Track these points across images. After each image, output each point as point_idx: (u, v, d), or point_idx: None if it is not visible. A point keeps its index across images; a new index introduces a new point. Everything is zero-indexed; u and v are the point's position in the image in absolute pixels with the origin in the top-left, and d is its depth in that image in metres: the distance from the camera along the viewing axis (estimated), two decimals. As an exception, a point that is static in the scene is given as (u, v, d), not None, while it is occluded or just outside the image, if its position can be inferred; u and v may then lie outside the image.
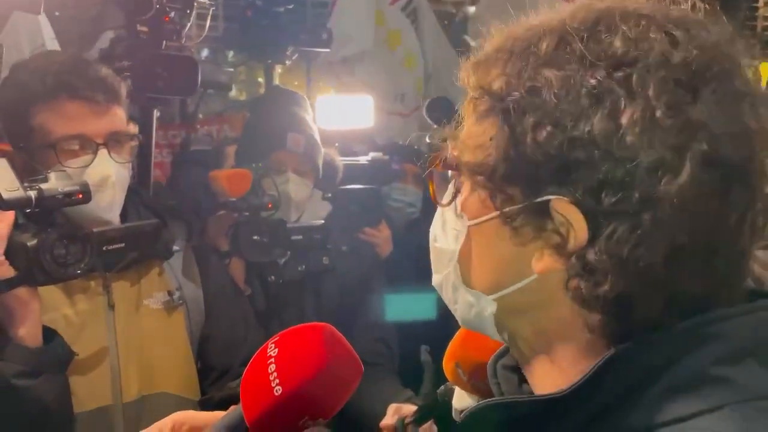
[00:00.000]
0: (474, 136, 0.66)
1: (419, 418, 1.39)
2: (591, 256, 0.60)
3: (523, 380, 0.74)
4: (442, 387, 1.28)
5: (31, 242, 1.30)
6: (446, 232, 0.72)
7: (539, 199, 0.62)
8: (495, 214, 0.65)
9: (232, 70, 2.50)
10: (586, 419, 0.61)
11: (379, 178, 2.62)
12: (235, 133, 3.89)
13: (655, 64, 0.59)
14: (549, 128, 0.60)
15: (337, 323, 0.82)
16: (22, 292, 1.33)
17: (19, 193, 1.26)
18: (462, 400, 1.17)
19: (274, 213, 2.14)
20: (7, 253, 1.31)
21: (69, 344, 1.41)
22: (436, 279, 0.75)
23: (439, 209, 0.74)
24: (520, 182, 0.63)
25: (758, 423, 0.58)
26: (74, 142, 1.48)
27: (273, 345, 0.75)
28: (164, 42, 1.88)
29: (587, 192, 0.60)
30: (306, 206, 2.29)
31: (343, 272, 2.25)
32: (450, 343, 1.10)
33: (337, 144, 2.84)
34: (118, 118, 1.53)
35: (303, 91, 3.13)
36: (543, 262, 0.63)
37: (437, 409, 1.29)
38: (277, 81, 3.55)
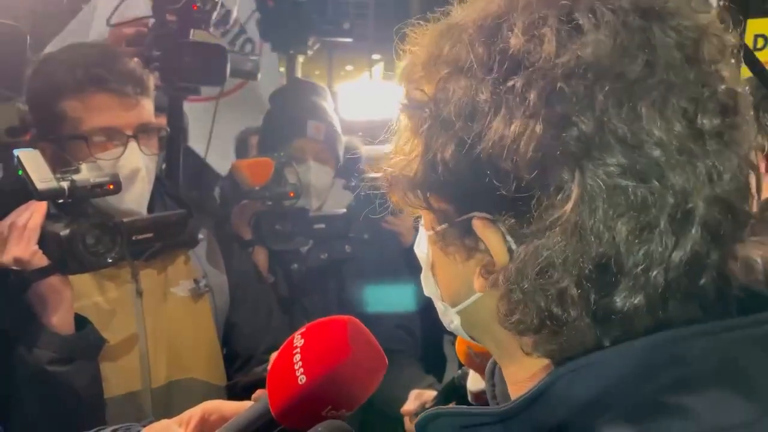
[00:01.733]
0: (401, 151, 0.62)
1: (440, 403, 1.41)
2: (502, 279, 0.57)
3: None
4: (459, 371, 1.29)
5: (64, 232, 1.33)
6: (421, 239, 0.70)
7: (462, 218, 0.59)
8: (431, 232, 0.63)
9: (256, 58, 2.51)
10: None
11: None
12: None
13: (542, 70, 0.53)
14: (452, 146, 0.57)
15: (359, 310, 0.83)
16: (55, 280, 1.37)
17: (53, 183, 1.29)
18: (476, 383, 1.18)
19: (296, 201, 2.17)
20: (41, 243, 1.35)
21: (99, 331, 1.45)
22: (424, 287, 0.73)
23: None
24: (445, 200, 0.60)
25: None
26: (104, 134, 1.50)
27: (299, 336, 0.77)
28: (192, 31, 1.88)
29: (499, 210, 0.56)
30: (328, 194, 2.31)
31: (365, 260, 2.27)
32: None
33: (360, 132, 2.85)
34: (147, 110, 1.55)
35: (324, 81, 3.15)
36: (479, 282, 0.60)
37: (455, 393, 1.31)
38: (299, 71, 3.56)
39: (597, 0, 0.55)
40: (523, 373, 0.62)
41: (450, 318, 0.68)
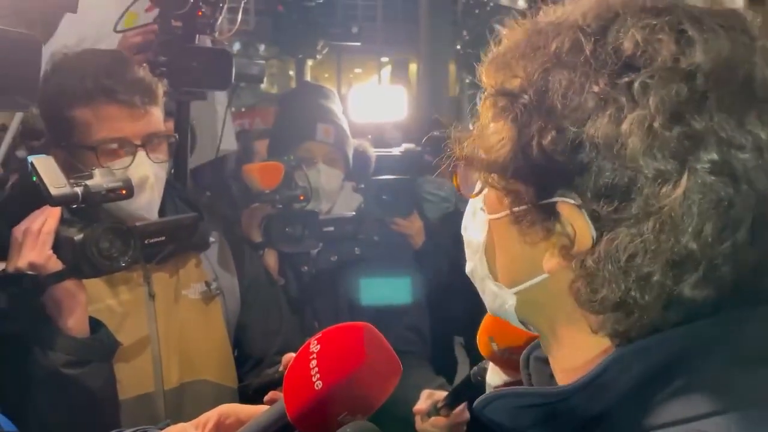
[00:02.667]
0: (488, 134, 0.66)
1: (451, 402, 1.41)
2: (590, 261, 0.60)
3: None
4: (475, 368, 1.29)
5: (78, 237, 1.35)
6: (475, 223, 0.74)
7: (546, 201, 0.62)
8: (506, 213, 0.66)
9: (263, 62, 2.52)
10: (589, 416, 0.62)
11: (411, 169, 2.64)
12: (266, 126, 3.95)
13: (660, 71, 0.58)
14: (554, 133, 0.60)
15: (369, 313, 0.84)
16: (69, 284, 1.39)
17: (67, 189, 1.31)
18: (495, 377, 1.18)
19: (306, 205, 2.18)
20: (55, 248, 1.37)
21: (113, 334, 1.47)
22: (468, 267, 0.76)
23: (471, 201, 0.76)
24: (530, 183, 0.63)
25: (763, 428, 0.57)
26: (112, 144, 1.51)
27: (315, 342, 0.78)
28: (197, 36, 1.89)
29: (591, 197, 0.60)
30: (338, 197, 2.33)
31: (374, 262, 2.28)
32: (484, 317, 1.11)
33: (370, 135, 2.87)
34: (156, 118, 1.56)
35: (333, 84, 3.17)
36: (551, 263, 0.64)
37: (469, 391, 1.31)
38: (308, 74, 3.59)
39: (702, 14, 0.61)
40: (578, 358, 0.65)
41: (504, 299, 0.71)
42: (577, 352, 0.66)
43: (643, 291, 0.59)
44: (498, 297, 0.72)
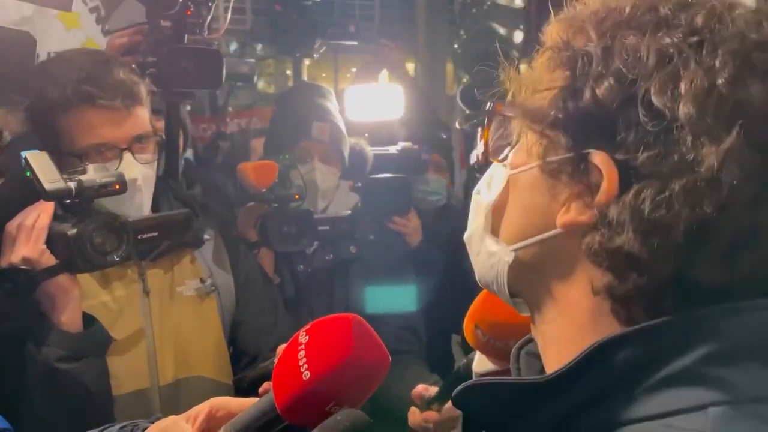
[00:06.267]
0: (539, 82, 0.66)
1: (442, 396, 1.41)
2: (613, 210, 0.60)
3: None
4: (464, 361, 1.29)
5: (72, 231, 1.35)
6: (491, 183, 0.73)
7: (583, 151, 0.62)
8: (536, 163, 0.66)
9: (253, 60, 2.51)
10: (570, 407, 0.61)
11: (408, 167, 2.64)
12: (264, 125, 3.95)
13: (731, 37, 0.59)
14: (610, 81, 0.60)
15: (365, 311, 0.85)
16: (63, 279, 1.39)
17: (60, 184, 1.31)
18: (482, 365, 1.18)
19: (302, 204, 2.18)
20: (49, 243, 1.37)
21: (107, 329, 1.47)
22: (467, 233, 0.75)
23: (494, 165, 0.74)
24: (569, 132, 0.63)
25: (740, 425, 0.56)
26: (98, 150, 1.50)
27: (304, 333, 0.78)
28: (186, 36, 1.88)
29: (630, 149, 0.59)
30: (334, 196, 2.33)
31: (370, 261, 2.28)
32: (471, 305, 1.11)
33: (366, 134, 2.87)
34: (140, 119, 1.55)
35: (331, 83, 3.16)
36: (568, 215, 0.63)
37: (459, 383, 1.31)
38: (305, 73, 3.59)
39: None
40: (570, 327, 0.64)
41: (500, 257, 0.69)
42: (568, 322, 0.65)
43: (656, 249, 0.59)
44: (494, 255, 0.70)
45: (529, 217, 0.67)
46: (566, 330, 0.65)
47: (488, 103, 0.73)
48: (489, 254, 0.71)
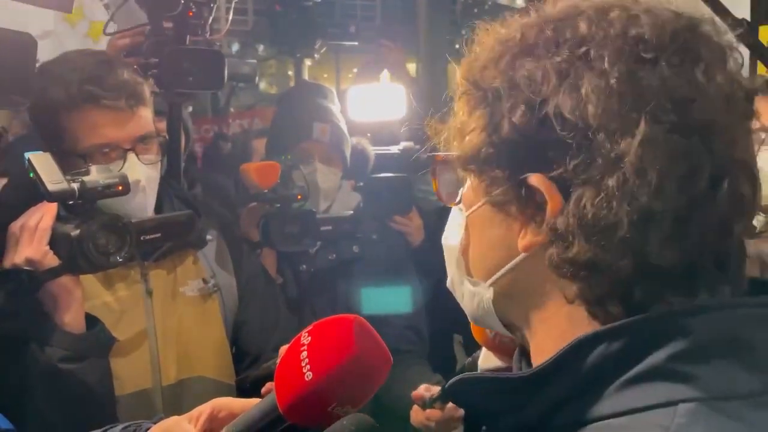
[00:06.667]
0: (465, 125, 0.69)
1: (444, 396, 1.41)
2: (561, 223, 0.63)
3: None
4: (468, 359, 1.30)
5: (75, 232, 1.35)
6: (453, 227, 0.76)
7: (520, 178, 0.65)
8: (483, 200, 0.69)
9: (254, 61, 2.51)
10: (547, 403, 0.63)
11: (410, 167, 2.64)
12: (265, 126, 3.96)
13: (613, 38, 0.63)
14: (522, 108, 0.64)
15: (367, 311, 0.85)
16: (66, 280, 1.40)
17: (64, 185, 1.32)
18: (488, 361, 1.19)
19: (304, 204, 2.19)
20: (52, 244, 1.38)
21: (110, 330, 1.47)
22: (448, 281, 0.78)
23: (453, 208, 0.78)
24: (502, 164, 0.66)
25: (709, 421, 0.58)
26: (102, 150, 1.51)
27: (306, 334, 0.78)
28: (188, 37, 1.88)
29: (560, 164, 0.62)
30: (336, 196, 2.33)
31: (373, 260, 2.28)
32: None
33: (369, 134, 2.87)
34: (144, 120, 1.56)
35: (332, 84, 3.17)
36: (526, 239, 0.66)
37: None
38: (306, 74, 3.59)
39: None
40: (554, 336, 0.66)
41: (481, 295, 0.72)
42: (550, 332, 0.67)
43: (610, 248, 0.61)
44: (475, 295, 0.73)
45: (494, 251, 0.70)
46: (551, 341, 0.67)
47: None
48: (471, 295, 0.74)
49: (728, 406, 0.59)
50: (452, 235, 0.76)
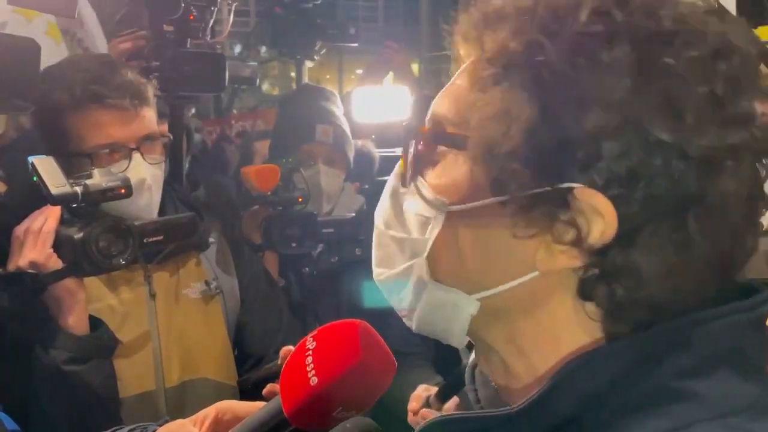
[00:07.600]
0: (481, 106, 0.55)
1: (443, 395, 1.41)
2: (622, 255, 0.53)
3: None
4: (467, 361, 1.30)
5: (78, 235, 1.36)
6: (405, 219, 0.62)
7: (560, 186, 0.52)
8: (495, 199, 0.55)
9: (255, 63, 2.52)
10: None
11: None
12: (267, 127, 3.97)
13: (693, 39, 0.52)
14: (594, 108, 0.51)
15: (371, 313, 0.86)
16: (69, 282, 1.40)
17: (67, 188, 1.32)
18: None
19: (305, 206, 2.19)
20: (55, 247, 1.38)
21: (113, 332, 1.48)
22: (384, 274, 0.65)
23: (387, 190, 0.65)
24: (538, 165, 0.53)
25: None
26: (107, 149, 1.52)
27: (311, 339, 0.78)
28: (189, 40, 1.89)
29: (615, 181, 0.52)
30: (339, 198, 2.34)
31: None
32: None
33: (373, 136, 2.87)
34: (148, 119, 1.57)
35: (335, 85, 3.17)
36: (553, 259, 0.54)
37: (461, 385, 1.31)
38: (307, 75, 3.60)
39: None
40: (541, 365, 0.58)
41: (459, 307, 0.59)
42: (539, 361, 0.58)
43: (674, 290, 0.53)
44: (446, 306, 0.60)
45: (494, 262, 0.57)
46: (542, 363, 0.59)
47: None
48: (438, 304, 0.61)
49: (740, 422, 0.53)
50: (402, 226, 0.61)
